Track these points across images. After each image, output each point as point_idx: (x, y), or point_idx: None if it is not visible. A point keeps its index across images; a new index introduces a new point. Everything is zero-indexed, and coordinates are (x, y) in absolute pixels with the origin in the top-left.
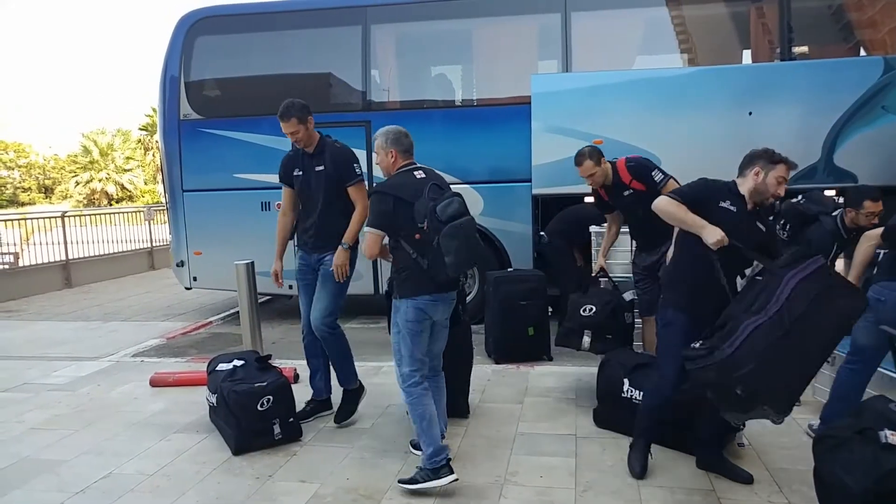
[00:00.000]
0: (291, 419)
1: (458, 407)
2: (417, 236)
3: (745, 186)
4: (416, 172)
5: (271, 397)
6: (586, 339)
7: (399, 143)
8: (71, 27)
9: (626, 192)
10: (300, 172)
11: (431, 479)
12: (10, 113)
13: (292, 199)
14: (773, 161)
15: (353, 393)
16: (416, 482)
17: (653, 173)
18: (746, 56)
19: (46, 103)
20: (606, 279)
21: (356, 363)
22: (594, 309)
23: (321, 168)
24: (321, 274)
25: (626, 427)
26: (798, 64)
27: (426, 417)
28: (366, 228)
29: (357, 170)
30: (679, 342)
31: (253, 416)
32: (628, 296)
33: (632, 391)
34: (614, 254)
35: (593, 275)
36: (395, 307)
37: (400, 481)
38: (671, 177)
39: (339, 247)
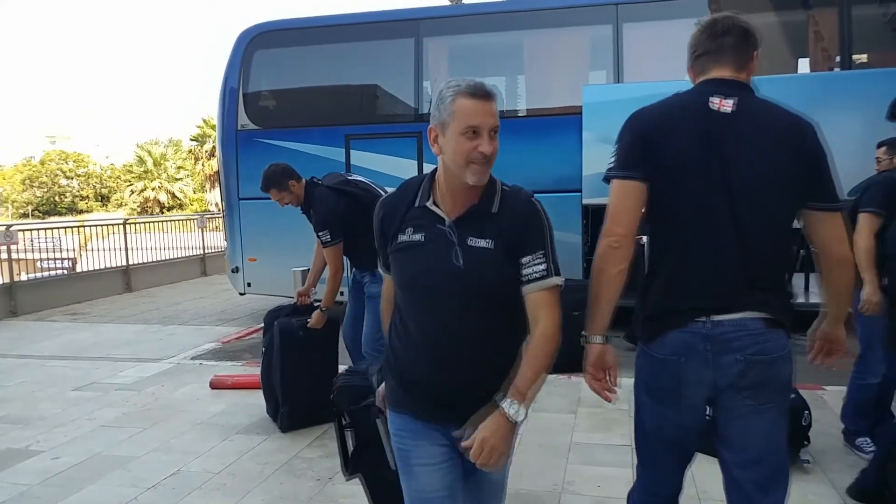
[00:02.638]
0: None
1: None
2: None
3: None
4: None
5: None
6: None
7: None
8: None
9: None
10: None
11: None
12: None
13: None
14: None
15: None
16: None
17: None
18: (801, 65)
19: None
20: None
21: None
22: None
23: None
24: (366, 294)
25: None
26: (857, 73)
27: None
28: None
29: (325, 236)
30: None
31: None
32: None
33: None
34: None
35: None
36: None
37: None
38: None
39: (318, 311)
